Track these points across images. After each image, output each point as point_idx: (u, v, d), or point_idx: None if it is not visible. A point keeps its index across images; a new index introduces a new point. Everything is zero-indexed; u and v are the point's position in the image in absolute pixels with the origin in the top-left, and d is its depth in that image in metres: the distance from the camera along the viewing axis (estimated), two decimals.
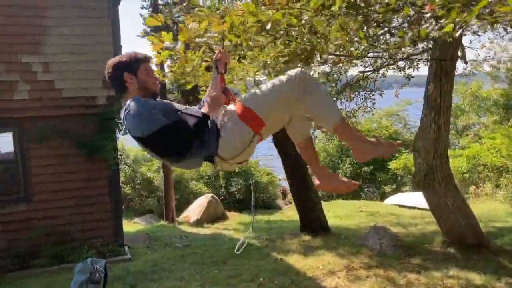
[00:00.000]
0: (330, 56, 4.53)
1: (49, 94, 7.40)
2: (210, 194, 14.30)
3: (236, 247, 2.74)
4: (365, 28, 3.32)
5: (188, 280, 5.69)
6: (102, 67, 7.76)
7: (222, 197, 18.73)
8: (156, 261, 7.05)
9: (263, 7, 2.84)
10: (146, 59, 2.47)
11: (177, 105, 2.44)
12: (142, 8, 14.15)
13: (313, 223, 8.46)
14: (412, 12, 2.82)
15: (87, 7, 7.62)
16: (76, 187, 7.77)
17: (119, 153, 18.24)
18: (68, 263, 6.97)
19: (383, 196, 19.12)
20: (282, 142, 8.31)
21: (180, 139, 2.26)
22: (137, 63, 2.42)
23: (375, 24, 3.16)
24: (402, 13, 2.78)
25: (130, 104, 2.28)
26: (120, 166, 18.39)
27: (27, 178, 7.50)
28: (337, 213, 13.37)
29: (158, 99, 2.44)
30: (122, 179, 17.67)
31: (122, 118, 2.37)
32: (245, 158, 2.37)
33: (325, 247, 6.99)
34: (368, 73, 8.01)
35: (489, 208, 12.58)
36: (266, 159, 22.51)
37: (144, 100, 2.28)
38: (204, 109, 2.33)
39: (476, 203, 14.14)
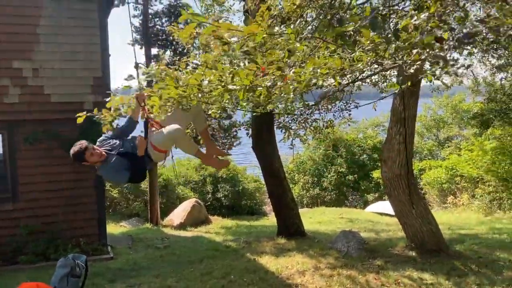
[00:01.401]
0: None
1: (38, 98, 7.75)
2: (194, 199, 14.65)
3: None
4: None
5: (164, 277, 6.05)
6: (89, 74, 8.13)
7: (209, 203, 19.09)
8: (136, 260, 7.41)
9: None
10: (83, 150, 3.76)
11: (116, 148, 3.92)
12: (133, 17, 14.55)
13: (289, 227, 8.86)
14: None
15: (77, 17, 8.00)
16: (62, 188, 8.10)
17: None
18: (53, 260, 7.29)
19: (366, 204, 19.61)
20: (259, 148, 8.71)
21: (137, 169, 3.92)
22: (81, 156, 3.77)
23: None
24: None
25: (102, 172, 3.99)
26: None
27: (15, 178, 7.83)
28: (319, 219, 13.82)
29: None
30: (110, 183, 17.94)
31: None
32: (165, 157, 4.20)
33: (297, 249, 7.40)
34: (344, 86, 8.44)
35: (464, 217, 13.09)
36: (253, 166, 23.01)
37: (108, 168, 3.85)
38: (139, 153, 3.86)
39: (454, 212, 14.67)
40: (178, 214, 13.35)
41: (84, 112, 3.61)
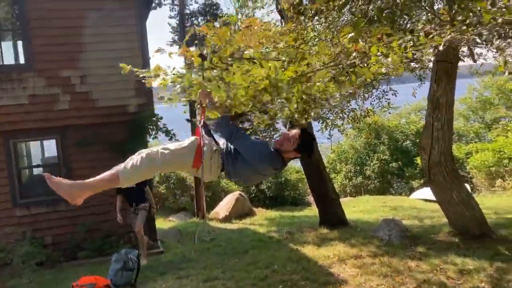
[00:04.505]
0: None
1: (86, 104, 8.25)
2: (238, 192, 14.95)
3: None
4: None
5: (211, 268, 6.35)
6: (132, 78, 8.48)
7: (253, 195, 19.39)
8: (184, 253, 7.78)
9: None
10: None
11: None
12: (170, 17, 14.96)
13: (331, 217, 8.97)
14: None
15: (117, 24, 8.41)
16: (114, 188, 8.57)
17: None
18: (109, 255, 7.78)
19: (412, 191, 19.27)
20: None
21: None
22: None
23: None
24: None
25: None
26: None
27: (70, 180, 8.36)
28: (362, 207, 13.78)
29: None
30: (157, 179, 18.58)
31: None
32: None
33: (339, 238, 7.51)
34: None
35: None
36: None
37: None
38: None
39: (503, 196, 14.23)
40: (223, 207, 13.71)
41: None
